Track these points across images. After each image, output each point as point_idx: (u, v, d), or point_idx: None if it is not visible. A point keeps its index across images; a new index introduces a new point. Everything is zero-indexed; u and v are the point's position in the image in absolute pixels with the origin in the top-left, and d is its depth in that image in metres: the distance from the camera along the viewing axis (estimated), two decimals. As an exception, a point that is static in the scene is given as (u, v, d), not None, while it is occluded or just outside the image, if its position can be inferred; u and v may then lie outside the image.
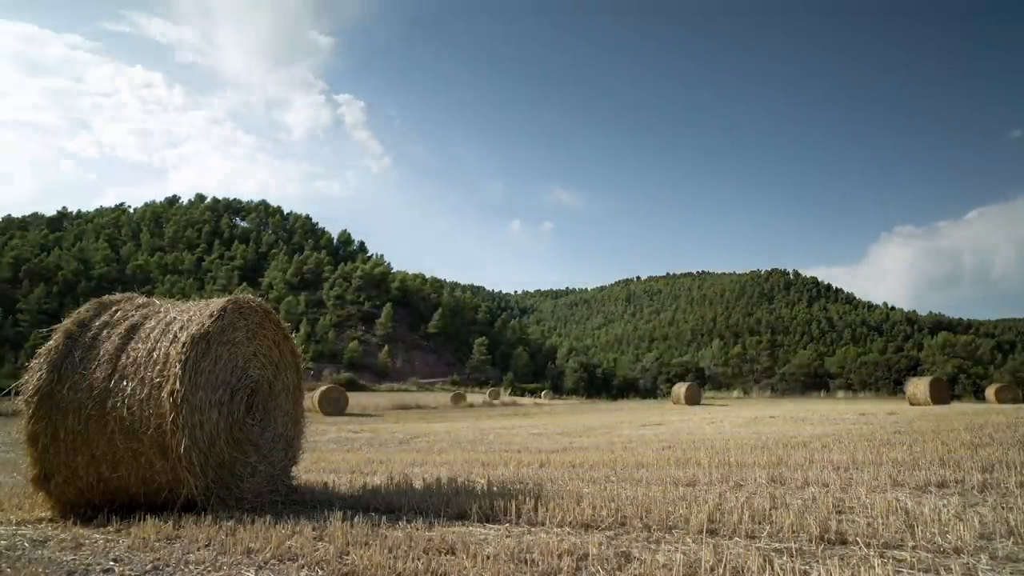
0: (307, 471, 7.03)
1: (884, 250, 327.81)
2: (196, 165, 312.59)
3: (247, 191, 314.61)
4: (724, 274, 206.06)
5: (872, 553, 2.86)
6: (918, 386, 29.15)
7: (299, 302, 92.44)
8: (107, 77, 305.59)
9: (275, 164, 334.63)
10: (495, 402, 44.82)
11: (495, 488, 5.01)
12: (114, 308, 5.01)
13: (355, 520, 3.81)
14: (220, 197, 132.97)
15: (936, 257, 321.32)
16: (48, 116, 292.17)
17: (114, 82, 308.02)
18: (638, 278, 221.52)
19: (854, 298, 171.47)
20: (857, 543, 3.04)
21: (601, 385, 72.52)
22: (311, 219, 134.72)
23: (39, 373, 4.51)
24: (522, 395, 59.90)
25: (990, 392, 33.83)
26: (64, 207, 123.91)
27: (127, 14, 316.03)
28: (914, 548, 2.94)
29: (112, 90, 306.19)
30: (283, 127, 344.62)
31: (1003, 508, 3.62)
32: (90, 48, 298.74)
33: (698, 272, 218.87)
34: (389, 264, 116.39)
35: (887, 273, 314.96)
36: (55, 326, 4.84)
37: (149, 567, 3.10)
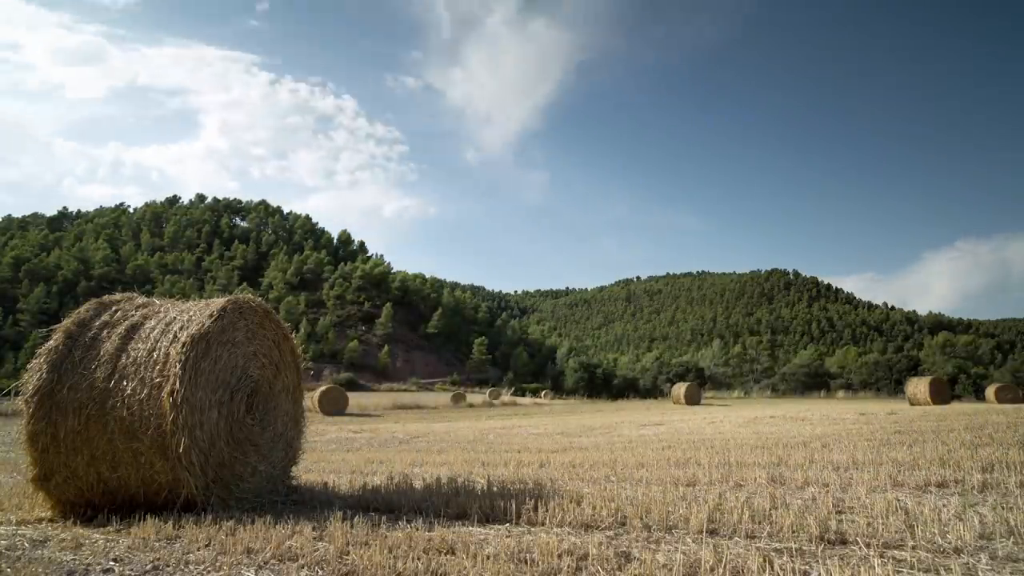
0: (307, 471, 7.03)
1: (937, 261, 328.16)
2: (356, 188, 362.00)
3: (389, 211, 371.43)
4: (724, 274, 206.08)
5: (872, 553, 2.86)
6: (918, 386, 29.14)
7: (299, 302, 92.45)
8: (348, 118, 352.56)
9: (437, 188, 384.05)
10: (495, 402, 44.81)
11: (495, 488, 5.01)
12: (114, 308, 5.01)
13: (355, 520, 3.81)
14: (220, 197, 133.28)
15: (986, 267, 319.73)
16: (259, 149, 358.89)
17: (353, 122, 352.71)
18: (638, 278, 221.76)
19: (854, 298, 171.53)
20: (857, 543, 3.04)
21: (601, 385, 72.35)
22: (311, 219, 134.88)
23: (39, 373, 4.51)
24: (522, 395, 59.84)
25: (990, 392, 33.80)
26: (64, 207, 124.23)
27: (392, 75, 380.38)
28: (914, 548, 2.93)
29: (336, 127, 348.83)
30: (461, 158, 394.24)
31: (1003, 508, 3.61)
32: (349, 97, 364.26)
33: (698, 272, 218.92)
34: (389, 264, 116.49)
35: (935, 283, 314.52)
36: (55, 326, 4.84)
37: (149, 567, 3.10)
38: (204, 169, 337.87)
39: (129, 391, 4.40)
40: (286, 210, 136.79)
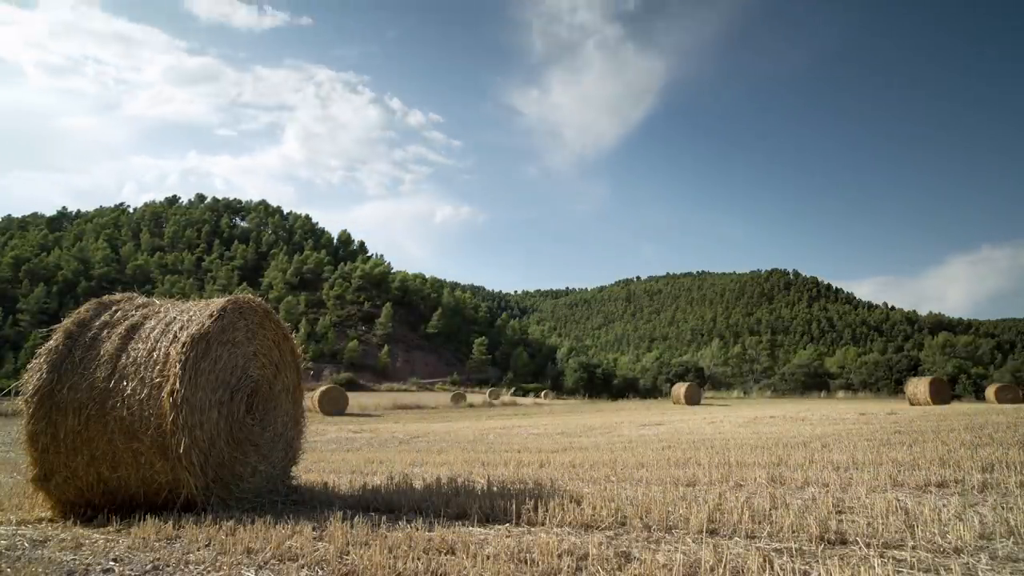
0: (307, 471, 7.03)
1: (955, 267, 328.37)
2: (414, 197, 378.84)
3: (443, 216, 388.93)
4: (724, 274, 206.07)
5: (872, 553, 2.86)
6: (918, 386, 29.15)
7: (299, 302, 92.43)
8: (427, 132, 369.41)
9: (490, 198, 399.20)
10: (495, 402, 44.81)
11: (495, 488, 5.01)
12: (114, 308, 5.01)
13: (355, 520, 3.81)
14: (220, 197, 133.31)
15: (1003, 272, 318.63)
16: (334, 160, 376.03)
17: (430, 135, 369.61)
18: (638, 278, 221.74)
19: (854, 298, 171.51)
20: (857, 543, 3.04)
21: (601, 385, 72.25)
22: (311, 219, 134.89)
23: (39, 373, 4.51)
24: (522, 395, 59.82)
25: (990, 392, 33.81)
26: (64, 207, 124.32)
27: (479, 94, 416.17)
28: (914, 548, 2.93)
29: (415, 141, 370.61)
30: (523, 172, 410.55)
31: (1003, 508, 3.61)
32: (436, 115, 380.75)
33: (698, 272, 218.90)
34: (389, 264, 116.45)
35: (951, 288, 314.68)
36: (55, 326, 4.84)
37: (149, 567, 3.10)
38: (271, 177, 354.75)
39: (129, 391, 4.40)
40: (285, 210, 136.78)
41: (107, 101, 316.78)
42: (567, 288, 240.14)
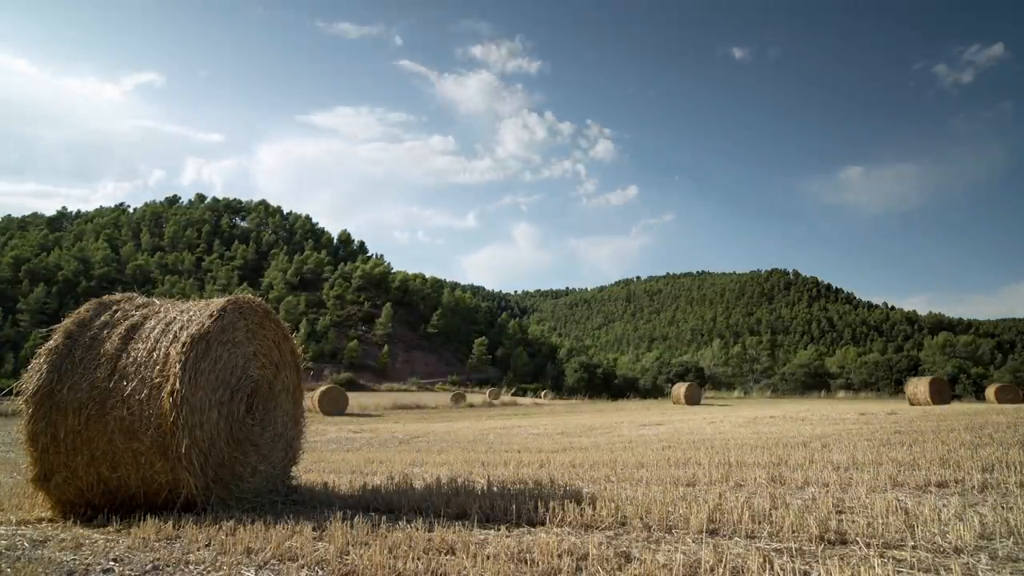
0: (307, 471, 7.03)
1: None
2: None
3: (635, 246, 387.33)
4: (724, 274, 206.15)
5: (872, 553, 2.85)
6: (918, 386, 29.14)
7: (299, 302, 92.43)
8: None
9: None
10: (495, 402, 44.80)
11: (495, 488, 5.01)
12: (114, 308, 5.01)
13: (355, 520, 3.81)
14: (220, 197, 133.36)
15: None
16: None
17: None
18: (638, 278, 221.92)
19: (854, 298, 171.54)
20: (857, 543, 3.04)
21: (601, 385, 72.23)
22: (311, 219, 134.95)
23: (39, 373, 4.51)
24: (522, 395, 59.87)
25: (990, 392, 33.79)
26: (64, 207, 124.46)
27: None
28: (914, 548, 2.93)
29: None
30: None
31: (1003, 508, 3.61)
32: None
33: (698, 272, 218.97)
34: (389, 264, 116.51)
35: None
36: (55, 326, 4.84)
37: (149, 567, 3.10)
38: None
39: (129, 391, 4.40)
40: (285, 210, 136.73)
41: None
42: (567, 288, 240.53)
